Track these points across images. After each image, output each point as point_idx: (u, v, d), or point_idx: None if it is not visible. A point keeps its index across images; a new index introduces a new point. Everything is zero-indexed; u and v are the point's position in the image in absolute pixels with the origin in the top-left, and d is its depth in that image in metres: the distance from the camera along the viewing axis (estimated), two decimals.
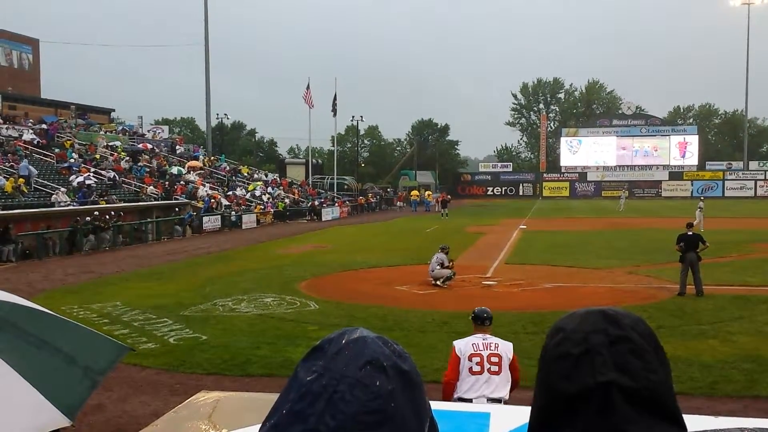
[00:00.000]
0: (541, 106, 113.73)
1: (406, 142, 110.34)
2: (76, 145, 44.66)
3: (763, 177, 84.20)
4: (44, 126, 46.31)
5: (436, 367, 10.94)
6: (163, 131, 63.24)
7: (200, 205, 42.22)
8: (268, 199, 51.80)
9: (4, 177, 33.41)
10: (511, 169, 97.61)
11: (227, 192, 49.05)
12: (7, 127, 43.09)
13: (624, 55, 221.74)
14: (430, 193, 71.36)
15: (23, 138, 41.68)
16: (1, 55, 53.47)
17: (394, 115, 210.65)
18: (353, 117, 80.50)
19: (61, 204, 33.25)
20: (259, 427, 1.02)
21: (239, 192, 50.35)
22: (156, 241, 35.51)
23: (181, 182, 45.39)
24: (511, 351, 6.60)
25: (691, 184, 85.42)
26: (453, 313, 15.05)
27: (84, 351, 3.30)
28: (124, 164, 44.66)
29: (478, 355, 6.46)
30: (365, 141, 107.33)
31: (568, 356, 1.02)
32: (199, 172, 50.43)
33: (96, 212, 32.15)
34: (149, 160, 48.08)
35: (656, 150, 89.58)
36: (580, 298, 16.83)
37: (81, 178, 37.14)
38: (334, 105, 68.08)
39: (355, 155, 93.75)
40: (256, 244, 32.65)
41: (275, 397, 1.04)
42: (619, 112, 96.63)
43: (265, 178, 59.59)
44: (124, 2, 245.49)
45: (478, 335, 6.75)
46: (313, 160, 74.83)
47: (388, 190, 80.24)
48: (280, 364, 11.08)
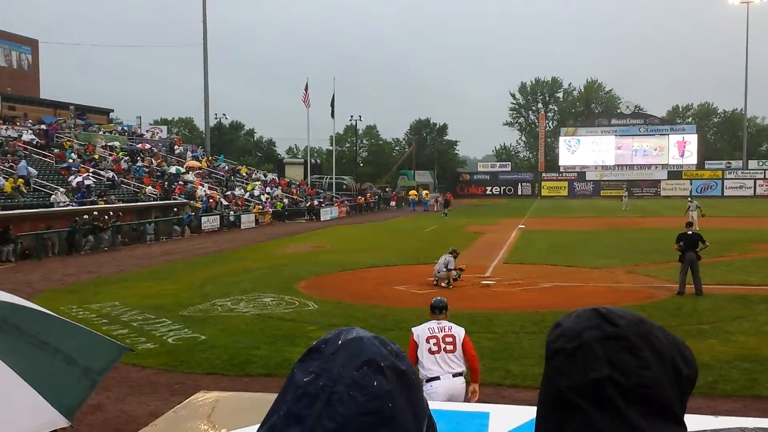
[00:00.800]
0: (540, 105, 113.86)
1: (404, 142, 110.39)
2: (75, 146, 44.66)
3: (762, 176, 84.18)
4: (43, 126, 46.31)
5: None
6: (161, 131, 63.22)
7: (199, 205, 42.20)
8: (267, 199, 51.80)
9: (4, 177, 33.41)
10: (510, 169, 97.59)
11: (226, 192, 49.03)
12: (7, 128, 43.09)
13: (622, 55, 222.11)
14: (428, 192, 71.31)
15: (22, 138, 41.69)
16: (1, 56, 53.49)
17: (393, 115, 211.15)
18: (352, 117, 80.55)
19: (60, 204, 33.24)
20: (257, 428, 1.01)
21: (238, 192, 50.32)
22: (155, 241, 35.49)
23: (180, 182, 45.39)
24: (463, 333, 7.45)
25: (690, 184, 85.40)
26: (452, 313, 14.98)
27: (83, 351, 3.30)
28: (123, 164, 44.67)
29: (434, 337, 7.31)
30: (364, 141, 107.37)
31: (561, 351, 1.04)
32: (197, 172, 50.42)
33: (95, 212, 32.18)
34: (149, 161, 48.08)
35: (655, 149, 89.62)
36: (579, 298, 16.82)
37: (80, 179, 37.12)
38: (332, 107, 68.05)
39: (354, 155, 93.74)
40: (255, 244, 32.64)
41: (274, 398, 1.03)
42: (618, 111, 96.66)
43: (264, 178, 59.58)
44: (123, 3, 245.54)
45: (434, 321, 7.59)
46: (312, 160, 74.74)
47: (387, 189, 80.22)
48: (279, 364, 11.07)
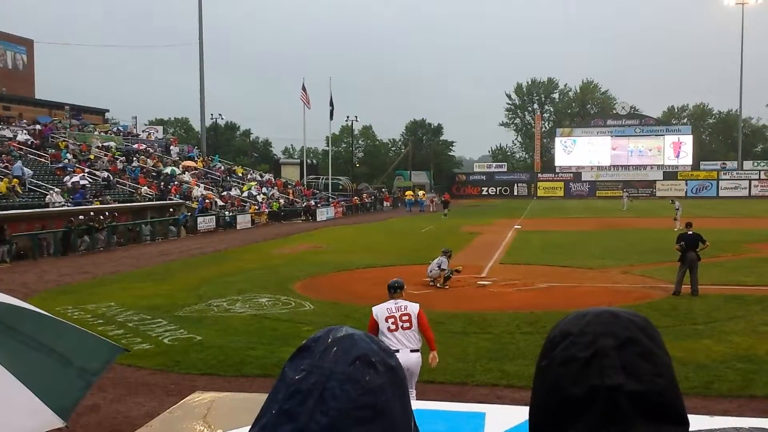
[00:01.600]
0: (536, 106, 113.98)
1: (400, 143, 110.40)
2: (71, 146, 44.58)
3: (757, 177, 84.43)
4: (38, 126, 46.22)
5: (431, 367, 10.96)
6: (157, 131, 63.13)
7: (195, 205, 42.16)
8: (263, 199, 51.76)
9: None
10: (506, 170, 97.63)
11: (222, 192, 48.98)
12: (2, 128, 42.98)
13: (618, 55, 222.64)
14: (424, 193, 71.30)
15: (17, 139, 41.60)
16: None
17: (389, 116, 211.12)
18: (348, 117, 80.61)
19: (56, 204, 33.16)
20: (248, 429, 1.01)
21: (234, 192, 50.28)
22: (151, 241, 35.43)
23: (176, 182, 45.32)
24: (418, 309, 8.07)
25: (686, 184, 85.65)
26: (448, 313, 15.05)
27: (78, 352, 3.29)
28: (119, 164, 44.59)
29: (392, 316, 7.93)
30: (360, 141, 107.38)
31: (576, 359, 1.00)
32: (193, 173, 50.36)
33: (90, 213, 32.11)
34: (144, 161, 48.01)
35: (651, 150, 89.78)
36: (575, 298, 16.84)
37: (75, 179, 37.06)
38: (331, 107, 68.04)
39: (350, 155, 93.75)
40: (251, 245, 32.60)
41: None
42: (614, 112, 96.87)
43: (260, 179, 59.54)
44: (119, 3, 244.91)
45: (391, 301, 8.16)
46: (308, 161, 74.69)
47: (383, 190, 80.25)
48: (275, 364, 11.05)
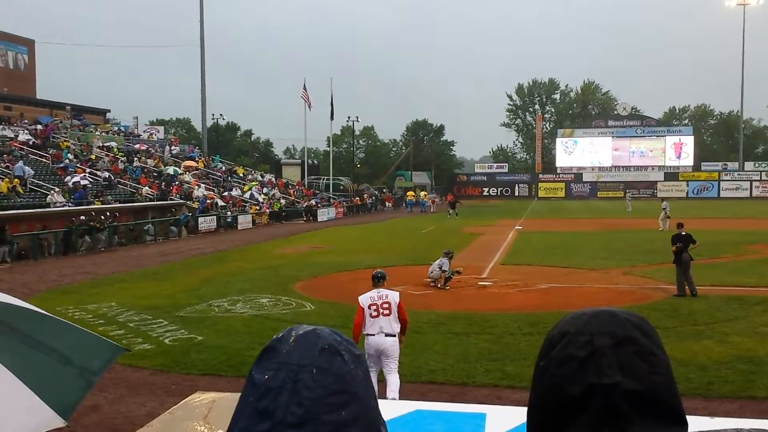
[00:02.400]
0: (537, 106, 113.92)
1: (401, 143, 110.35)
2: (72, 146, 44.59)
3: (758, 178, 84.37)
4: (39, 126, 46.23)
5: (431, 368, 10.93)
6: (158, 132, 63.15)
7: (196, 205, 42.16)
8: (264, 199, 51.76)
9: (0, 177, 33.35)
10: (507, 170, 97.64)
11: (223, 193, 48.98)
12: (3, 128, 42.99)
13: (619, 56, 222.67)
14: (425, 193, 71.30)
15: (19, 138, 41.61)
16: None
17: (390, 116, 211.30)
18: (349, 117, 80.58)
19: (57, 204, 33.17)
20: None
21: (235, 193, 50.29)
22: (152, 241, 35.43)
23: (177, 183, 45.33)
24: (398, 298, 9.14)
25: (687, 185, 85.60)
26: (449, 314, 15.05)
27: (79, 351, 3.28)
28: (120, 165, 44.60)
29: (374, 304, 8.96)
30: (361, 142, 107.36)
31: (573, 359, 1.01)
32: (194, 173, 50.36)
33: (92, 213, 32.12)
34: (144, 161, 48.02)
35: (652, 151, 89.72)
36: (576, 299, 16.83)
37: (76, 179, 37.06)
38: (332, 108, 68.05)
39: (351, 156, 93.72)
40: (252, 245, 32.60)
41: None
42: (615, 112, 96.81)
43: (261, 179, 59.54)
44: (120, 3, 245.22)
45: (374, 291, 9.12)
46: (309, 161, 74.67)
47: (384, 191, 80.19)
48: None
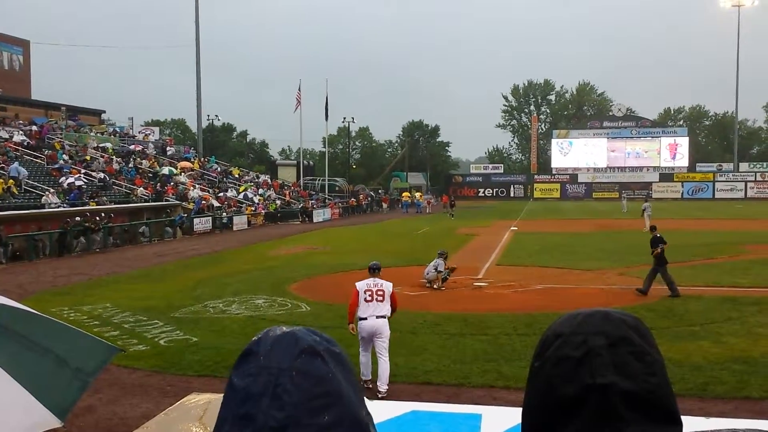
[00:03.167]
0: (532, 107, 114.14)
1: (397, 144, 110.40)
2: (67, 147, 44.49)
3: (753, 178, 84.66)
4: (34, 127, 46.11)
5: (427, 368, 10.94)
6: (153, 132, 63.07)
7: (191, 206, 42.09)
8: (260, 200, 51.72)
9: None
10: (502, 171, 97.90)
11: (218, 193, 48.92)
12: None
13: (614, 57, 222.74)
14: (421, 194, 71.34)
15: (14, 139, 41.49)
16: None
17: (386, 117, 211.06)
18: (344, 118, 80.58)
19: (52, 205, 33.09)
20: None
21: (230, 193, 50.22)
22: (147, 242, 35.36)
23: (172, 183, 45.25)
24: (391, 288, 10.12)
25: (682, 186, 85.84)
26: (444, 315, 15.06)
27: (74, 352, 3.28)
28: (115, 165, 44.50)
29: (369, 290, 9.98)
30: (356, 142, 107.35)
31: (568, 359, 1.01)
32: (189, 174, 50.29)
33: (87, 213, 32.02)
34: (140, 162, 47.94)
35: (647, 152, 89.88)
36: (572, 300, 16.84)
37: (71, 180, 36.97)
38: (326, 109, 68.02)
39: (347, 157, 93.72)
40: (247, 246, 32.56)
41: None
42: (610, 113, 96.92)
43: (257, 180, 59.49)
44: (116, 3, 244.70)
45: (371, 279, 10.17)
46: (305, 162, 74.67)
47: (380, 191, 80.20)
48: None
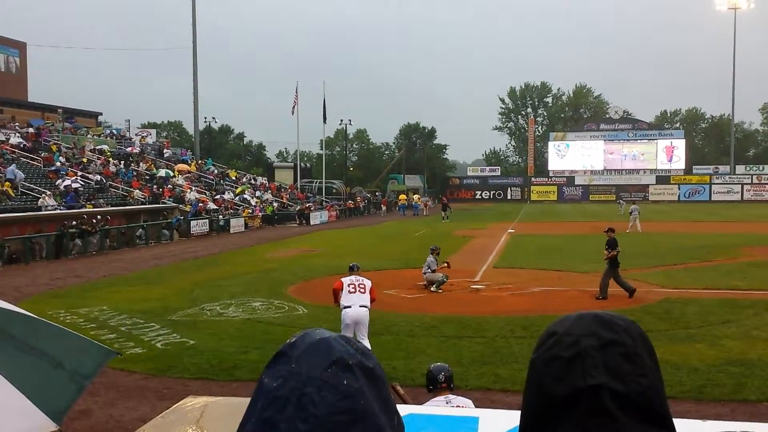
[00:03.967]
0: (529, 110, 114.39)
1: (394, 146, 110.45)
2: (63, 149, 44.44)
3: (749, 181, 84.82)
4: (31, 129, 46.05)
5: (424, 371, 10.91)
6: (150, 135, 63.01)
7: (188, 209, 42.04)
8: (257, 203, 51.68)
9: None
10: (499, 173, 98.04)
11: (215, 196, 48.88)
12: None
13: (611, 60, 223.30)
14: (418, 196, 71.33)
15: (10, 142, 41.44)
16: None
17: (383, 119, 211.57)
18: (342, 121, 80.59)
19: (48, 208, 33.04)
20: None
21: (227, 196, 50.19)
22: (143, 245, 35.32)
23: (169, 186, 45.21)
24: (371, 284, 11.74)
25: (678, 188, 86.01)
26: (442, 317, 15.06)
27: (70, 355, 3.28)
28: (112, 168, 44.46)
29: (353, 284, 11.61)
30: (354, 145, 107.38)
31: (559, 359, 1.02)
32: (186, 176, 50.25)
33: (83, 216, 31.97)
34: (137, 164, 47.89)
35: (643, 154, 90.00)
36: (569, 302, 16.85)
37: (68, 182, 36.91)
38: (324, 111, 68.03)
39: (344, 159, 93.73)
40: (244, 248, 32.54)
41: None
42: (607, 116, 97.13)
43: (254, 182, 59.45)
44: (112, 6, 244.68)
45: (353, 276, 11.92)
46: (302, 164, 74.65)
47: (377, 194, 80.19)
48: None
